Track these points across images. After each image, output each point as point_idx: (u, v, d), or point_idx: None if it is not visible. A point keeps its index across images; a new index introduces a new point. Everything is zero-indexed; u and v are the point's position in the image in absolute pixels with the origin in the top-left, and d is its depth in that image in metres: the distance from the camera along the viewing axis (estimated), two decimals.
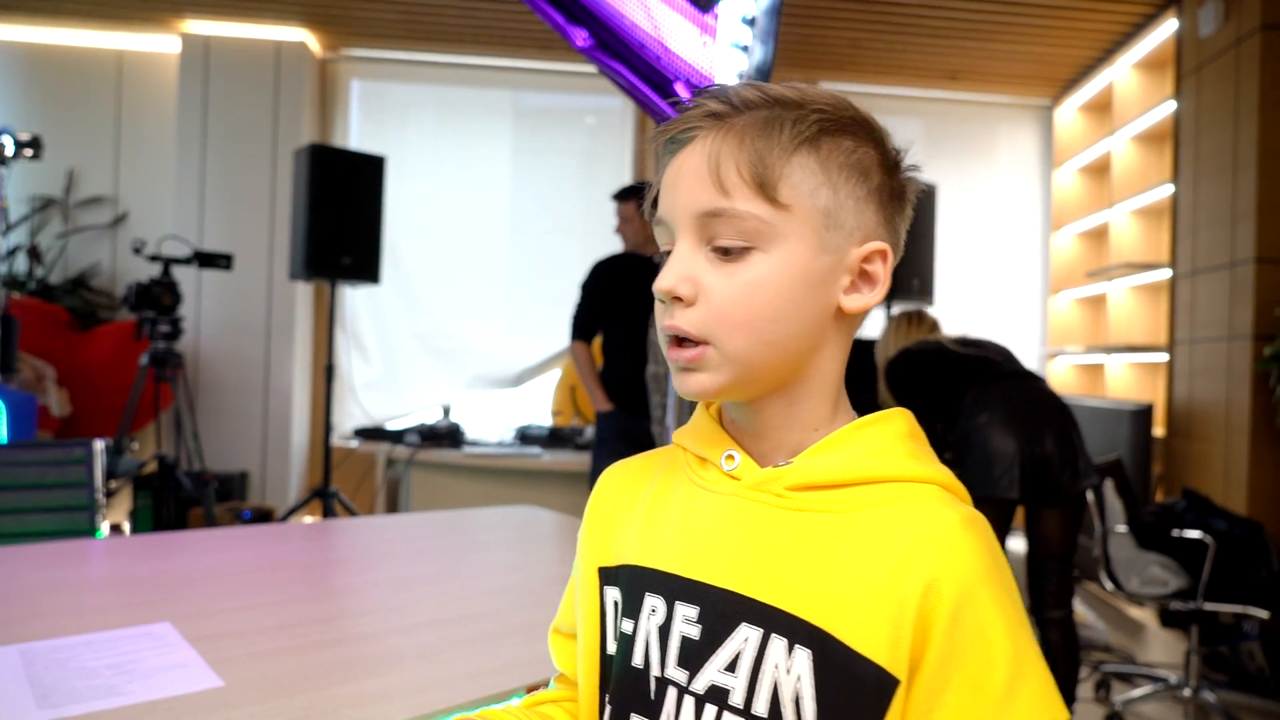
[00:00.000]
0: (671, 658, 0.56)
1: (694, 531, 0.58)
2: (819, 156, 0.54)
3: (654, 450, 0.69)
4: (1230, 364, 3.32)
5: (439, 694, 0.92)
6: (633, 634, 0.58)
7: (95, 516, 1.88)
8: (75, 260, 4.58)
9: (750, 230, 0.53)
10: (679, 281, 0.55)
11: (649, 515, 0.62)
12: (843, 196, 0.55)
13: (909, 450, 0.56)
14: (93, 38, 4.59)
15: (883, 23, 4.14)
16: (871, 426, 0.57)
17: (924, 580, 0.49)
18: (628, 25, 1.77)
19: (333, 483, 3.59)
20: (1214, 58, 3.50)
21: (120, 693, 0.88)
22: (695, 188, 0.55)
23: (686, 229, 0.56)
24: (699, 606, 0.55)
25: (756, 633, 0.52)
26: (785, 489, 0.55)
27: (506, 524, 1.94)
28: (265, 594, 1.28)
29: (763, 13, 1.65)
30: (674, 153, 0.57)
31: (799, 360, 0.56)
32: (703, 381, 0.55)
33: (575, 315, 3.12)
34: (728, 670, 0.53)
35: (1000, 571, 0.51)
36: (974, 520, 0.53)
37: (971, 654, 0.49)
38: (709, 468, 0.60)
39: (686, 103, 0.58)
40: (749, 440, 0.59)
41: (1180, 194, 3.77)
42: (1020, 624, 0.50)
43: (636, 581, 0.60)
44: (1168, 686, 2.69)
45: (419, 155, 4.72)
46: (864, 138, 0.56)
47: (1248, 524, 2.83)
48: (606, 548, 0.64)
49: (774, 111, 0.55)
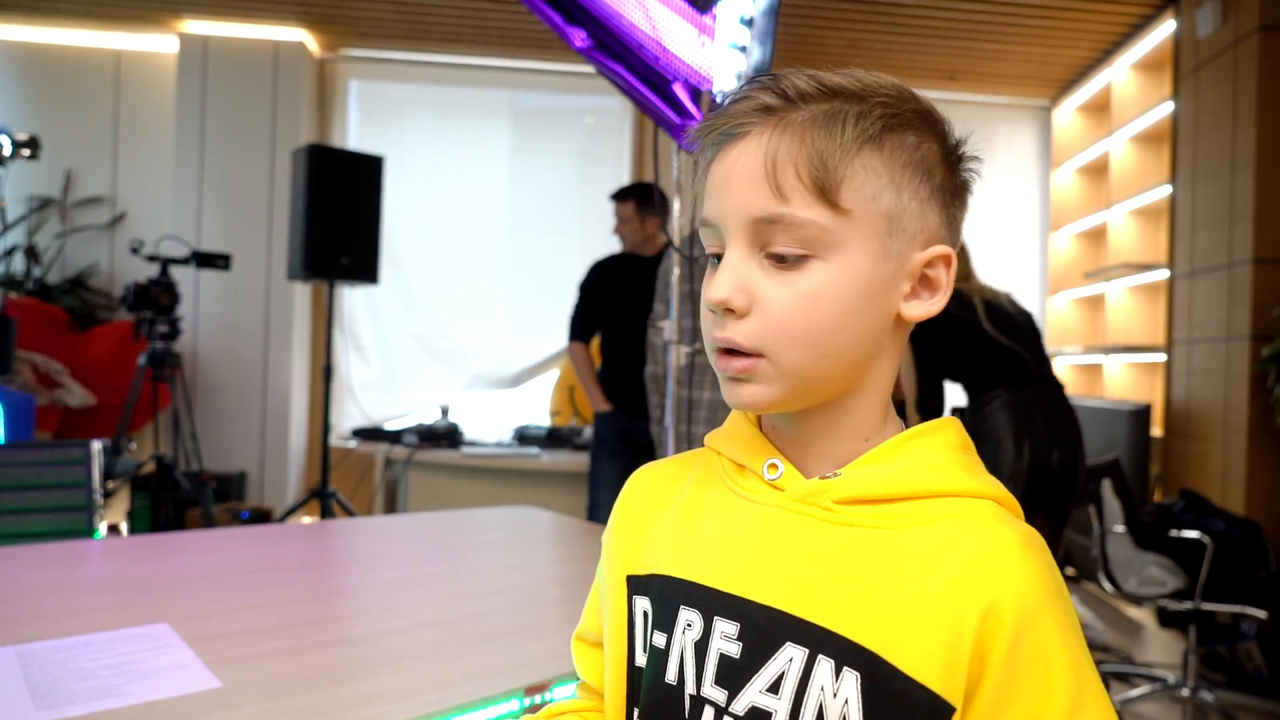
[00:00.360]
0: (709, 675, 0.53)
1: (733, 543, 0.55)
2: (883, 156, 0.51)
3: (686, 453, 0.66)
4: (1228, 364, 3.32)
5: (437, 695, 0.91)
6: (665, 648, 0.56)
7: (93, 517, 1.87)
8: (73, 260, 4.58)
9: (809, 238, 0.50)
10: (734, 292, 0.51)
11: (682, 523, 0.59)
12: (906, 198, 0.51)
13: (961, 463, 0.53)
14: (91, 37, 4.59)
15: (881, 23, 4.14)
16: (922, 438, 0.54)
17: (983, 602, 0.47)
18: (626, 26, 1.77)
19: (331, 483, 3.59)
20: (1212, 59, 3.51)
21: (118, 694, 0.87)
22: (749, 191, 0.51)
23: (738, 234, 0.52)
24: (739, 623, 0.53)
25: (802, 653, 0.50)
26: (834, 502, 0.52)
27: (505, 525, 1.94)
28: (263, 594, 1.28)
29: (761, 13, 1.66)
30: (722, 148, 0.53)
31: (855, 371, 0.53)
32: (755, 394, 0.52)
33: (573, 316, 3.11)
34: (770, 691, 0.50)
35: (1060, 594, 0.49)
36: (1033, 539, 0.50)
37: (1032, 682, 0.46)
38: (749, 476, 0.57)
39: (735, 93, 0.54)
40: (792, 448, 0.56)
41: (1178, 195, 3.77)
42: (1081, 649, 0.48)
43: (669, 593, 0.57)
44: (1166, 686, 2.69)
45: (417, 155, 4.72)
46: (927, 132, 0.53)
47: (1245, 524, 2.84)
48: (635, 555, 0.61)
49: (834, 105, 0.51)
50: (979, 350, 2.37)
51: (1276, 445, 3.15)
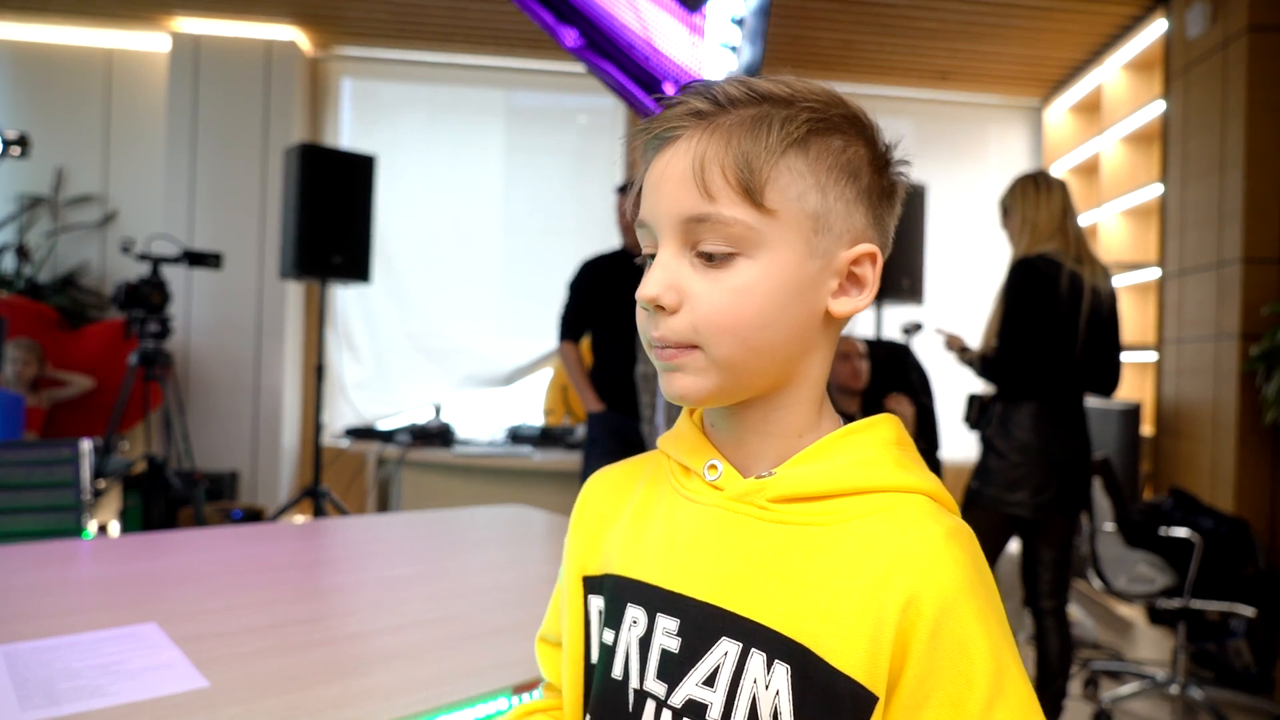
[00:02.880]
0: (651, 670, 0.55)
1: (676, 542, 0.57)
2: (808, 159, 0.52)
3: (640, 456, 0.67)
4: (1217, 363, 3.34)
5: (424, 694, 0.91)
6: (614, 645, 0.58)
7: (82, 517, 1.87)
8: (64, 259, 4.56)
9: (736, 236, 0.52)
10: (664, 290, 0.53)
11: (633, 524, 0.61)
12: (831, 199, 0.53)
13: (896, 459, 0.55)
14: (82, 35, 4.57)
15: (874, 23, 4.15)
16: (857, 434, 0.56)
17: (904, 595, 0.48)
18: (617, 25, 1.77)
19: (323, 482, 3.58)
20: (1202, 59, 3.52)
21: (104, 694, 0.87)
22: (679, 191, 0.53)
23: (670, 234, 0.54)
24: (679, 619, 0.54)
25: (736, 647, 0.52)
26: (768, 501, 0.54)
27: (497, 524, 1.94)
28: (253, 594, 1.28)
29: (751, 13, 1.66)
30: (657, 151, 0.55)
31: (786, 366, 0.55)
32: (688, 385, 0.54)
33: (563, 315, 3.10)
34: (706, 684, 0.52)
35: (984, 585, 0.50)
36: (958, 532, 0.51)
37: (951, 671, 0.48)
38: (692, 477, 0.59)
39: (670, 100, 0.55)
40: (730, 448, 0.58)
41: (1168, 194, 3.79)
42: (1003, 639, 0.49)
43: (619, 592, 0.59)
44: (1155, 684, 2.71)
45: (410, 154, 4.72)
46: (854, 135, 0.54)
47: (1234, 522, 2.85)
48: (591, 556, 0.63)
49: (762, 110, 0.53)
50: (1058, 344, 2.28)
51: (1265, 444, 3.17)
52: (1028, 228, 2.34)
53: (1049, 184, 2.34)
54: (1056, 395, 2.30)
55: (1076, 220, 2.35)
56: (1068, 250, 2.29)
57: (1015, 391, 2.32)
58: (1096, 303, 2.29)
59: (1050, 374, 2.29)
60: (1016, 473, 2.28)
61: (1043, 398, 2.29)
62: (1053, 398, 2.30)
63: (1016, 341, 2.27)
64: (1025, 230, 2.34)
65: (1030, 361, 2.28)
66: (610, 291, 3.03)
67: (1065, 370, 2.29)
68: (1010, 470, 2.29)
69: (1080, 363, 2.29)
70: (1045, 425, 2.28)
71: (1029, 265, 2.28)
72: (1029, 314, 2.26)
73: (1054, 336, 2.27)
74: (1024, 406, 2.30)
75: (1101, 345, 2.31)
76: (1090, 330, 2.28)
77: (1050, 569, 2.35)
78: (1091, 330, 2.29)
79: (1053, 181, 2.35)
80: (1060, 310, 2.26)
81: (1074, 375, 2.30)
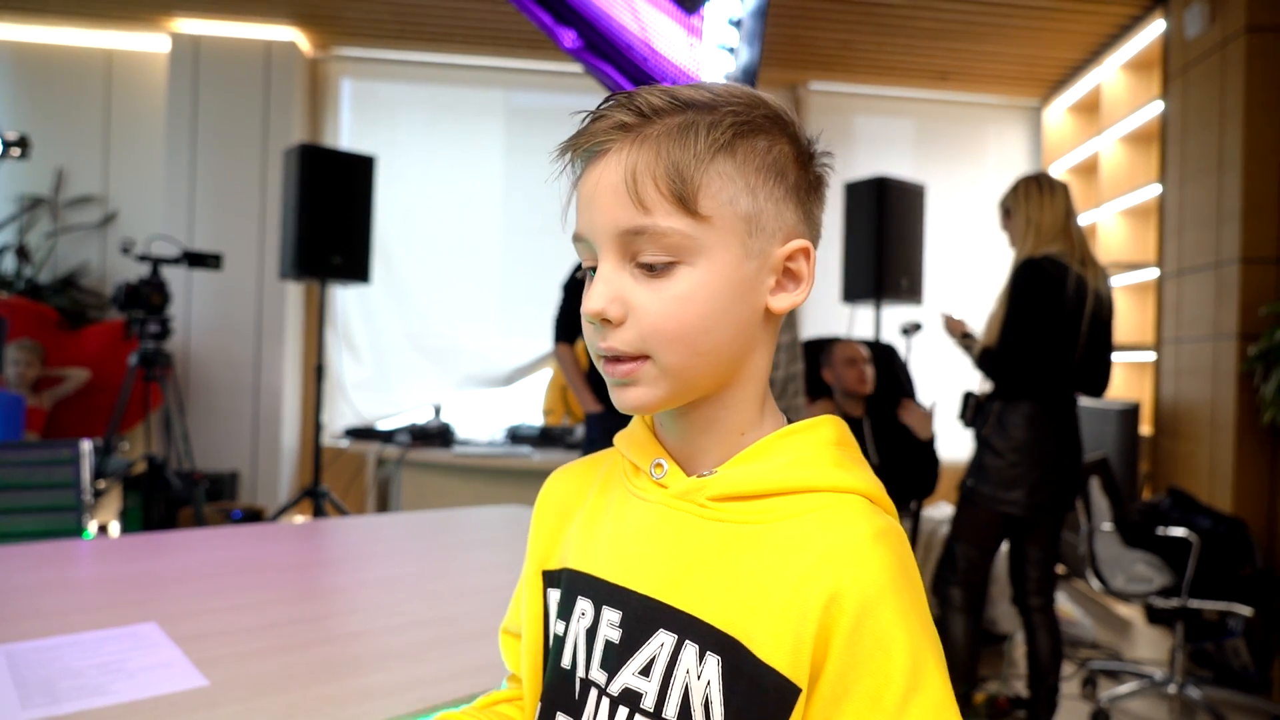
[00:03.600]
0: (595, 660, 0.57)
1: (624, 538, 0.59)
2: (735, 162, 0.53)
3: (598, 454, 0.69)
4: (1216, 363, 3.34)
5: (422, 693, 0.92)
6: (564, 635, 0.60)
7: (82, 517, 1.87)
8: (64, 260, 4.56)
9: (673, 245, 0.53)
10: (608, 303, 0.54)
11: (588, 520, 0.63)
12: (762, 199, 0.54)
13: (834, 459, 0.56)
14: (82, 36, 4.57)
15: (873, 23, 4.16)
16: (798, 434, 0.57)
17: (827, 592, 0.50)
18: (615, 27, 1.78)
19: (323, 482, 3.59)
20: (1200, 59, 3.53)
21: (104, 692, 0.88)
22: (613, 205, 0.54)
23: (608, 247, 0.55)
24: (622, 611, 0.56)
25: (671, 638, 0.53)
26: (708, 499, 0.56)
27: (495, 524, 1.95)
28: (252, 594, 1.28)
29: (749, 14, 1.66)
30: (586, 165, 0.56)
31: (731, 365, 0.56)
32: (641, 396, 0.55)
33: (557, 316, 3.07)
34: (642, 674, 0.54)
35: (909, 583, 0.51)
36: (888, 532, 0.52)
37: (870, 666, 0.49)
38: (641, 475, 0.61)
39: (593, 113, 0.56)
40: (677, 446, 0.60)
41: (1167, 194, 3.79)
42: (924, 637, 0.50)
43: (572, 585, 0.61)
44: (1153, 683, 2.71)
45: (410, 155, 4.72)
46: (778, 134, 0.56)
47: (1232, 522, 2.86)
48: (551, 551, 0.66)
49: (687, 117, 0.53)
50: (1059, 346, 2.28)
51: (1263, 444, 3.18)
52: (1032, 229, 2.34)
53: (1052, 186, 2.35)
54: (1053, 396, 2.31)
55: (1078, 223, 2.35)
56: (1072, 253, 2.29)
57: (1013, 390, 2.33)
58: (1098, 306, 2.29)
59: (1049, 375, 2.29)
60: (1013, 472, 2.29)
61: (1040, 398, 2.30)
62: (1049, 398, 2.31)
63: (1019, 341, 2.28)
64: (1030, 231, 2.34)
65: (1031, 361, 2.29)
66: None
67: (1064, 371, 2.29)
68: (1006, 469, 2.29)
69: (1078, 365, 2.30)
70: (1041, 425, 2.29)
71: (1035, 266, 2.28)
72: (1034, 314, 2.26)
73: (1056, 338, 2.27)
74: (1021, 406, 2.31)
75: (1098, 347, 2.32)
76: (1091, 332, 2.29)
77: (1037, 567, 2.37)
78: (1092, 332, 2.29)
79: (1055, 184, 2.35)
80: (1064, 312, 2.26)
81: (1070, 376, 2.31)
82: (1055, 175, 2.41)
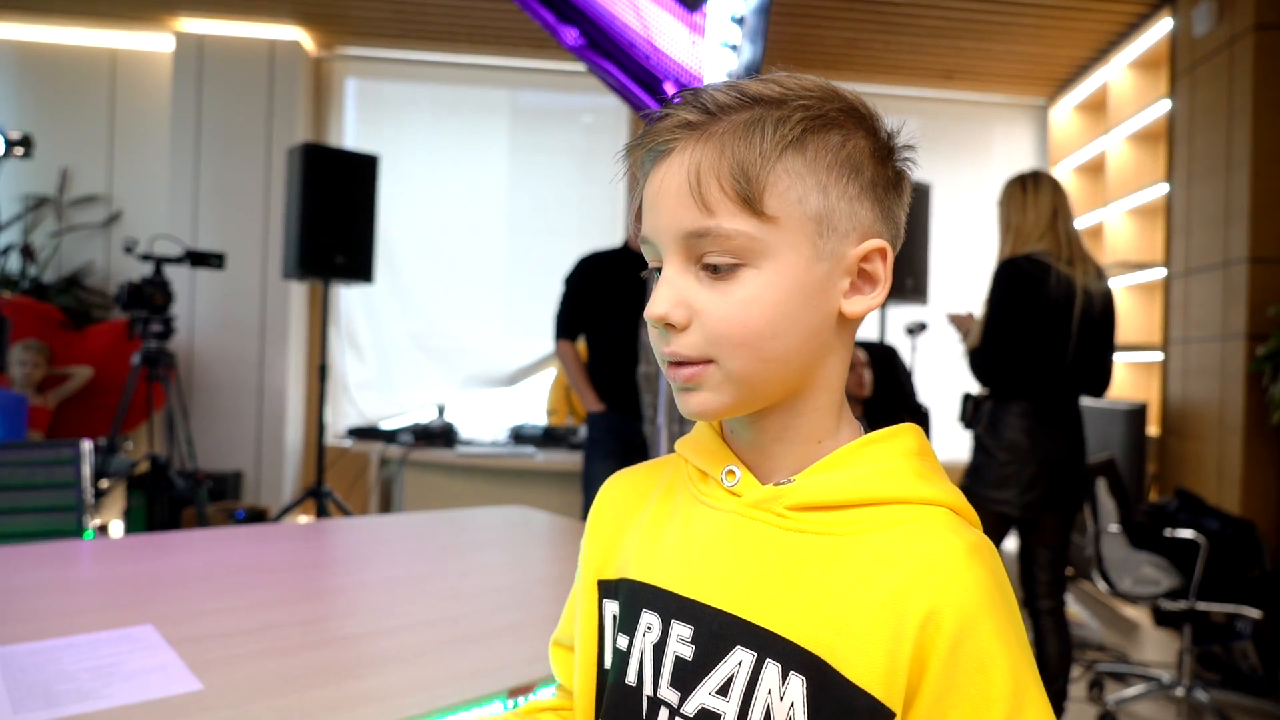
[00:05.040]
0: (665, 678, 0.54)
1: (693, 548, 0.56)
2: (805, 159, 0.51)
3: (657, 459, 0.67)
4: (1224, 363, 3.32)
5: (418, 697, 0.91)
6: (628, 651, 0.57)
7: (83, 517, 1.87)
8: (68, 259, 4.57)
9: (738, 248, 0.51)
10: (672, 307, 0.52)
11: (650, 528, 0.60)
12: (834, 198, 0.52)
13: (917, 470, 0.53)
14: (86, 36, 4.58)
15: (878, 21, 4.14)
16: (878, 444, 0.55)
17: (924, 610, 0.47)
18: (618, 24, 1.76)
19: (326, 482, 3.58)
20: (1208, 57, 3.50)
21: (97, 696, 0.87)
22: (677, 207, 0.52)
23: (672, 249, 0.53)
24: (694, 626, 0.54)
25: (751, 656, 0.51)
26: (786, 509, 0.53)
27: (498, 525, 1.94)
28: (251, 595, 1.27)
29: (752, 12, 1.65)
30: (653, 165, 0.54)
31: (802, 373, 0.54)
32: (705, 402, 0.53)
33: (559, 313, 3.01)
34: (720, 694, 0.51)
35: (1005, 602, 0.49)
36: (980, 547, 0.50)
37: (970, 689, 0.46)
38: (710, 482, 0.58)
39: (660, 112, 0.54)
40: (749, 454, 0.57)
41: (1174, 193, 3.77)
42: (1023, 657, 0.48)
43: (634, 597, 0.58)
44: (1161, 686, 2.69)
45: (414, 154, 4.72)
46: (853, 128, 0.53)
47: (1240, 524, 2.83)
48: (607, 560, 0.63)
49: (754, 113, 0.51)
50: (1046, 345, 2.26)
51: (1272, 445, 3.15)
52: (1010, 232, 2.35)
53: (1037, 185, 2.33)
54: (1047, 395, 2.30)
55: (1070, 220, 2.33)
56: (1058, 251, 2.28)
57: (1003, 391, 2.33)
58: (1088, 304, 2.28)
59: (1039, 374, 2.28)
60: (1004, 471, 2.27)
61: (1032, 397, 2.29)
62: (1043, 398, 2.29)
63: (999, 341, 2.28)
64: (1009, 234, 2.35)
65: (1014, 361, 2.28)
66: (608, 288, 2.97)
67: (1056, 371, 2.28)
68: (998, 469, 2.28)
69: (1072, 364, 2.29)
70: (1034, 425, 2.28)
71: (1013, 266, 2.28)
72: (1012, 314, 2.26)
73: (1041, 337, 2.26)
74: (1013, 406, 2.30)
75: (1093, 346, 2.31)
76: (1082, 331, 2.28)
77: (1046, 569, 2.35)
78: (1083, 331, 2.28)
79: (1042, 182, 2.33)
80: (1047, 311, 2.25)
81: (1066, 376, 2.30)
82: (1061, 174, 2.40)
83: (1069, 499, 2.34)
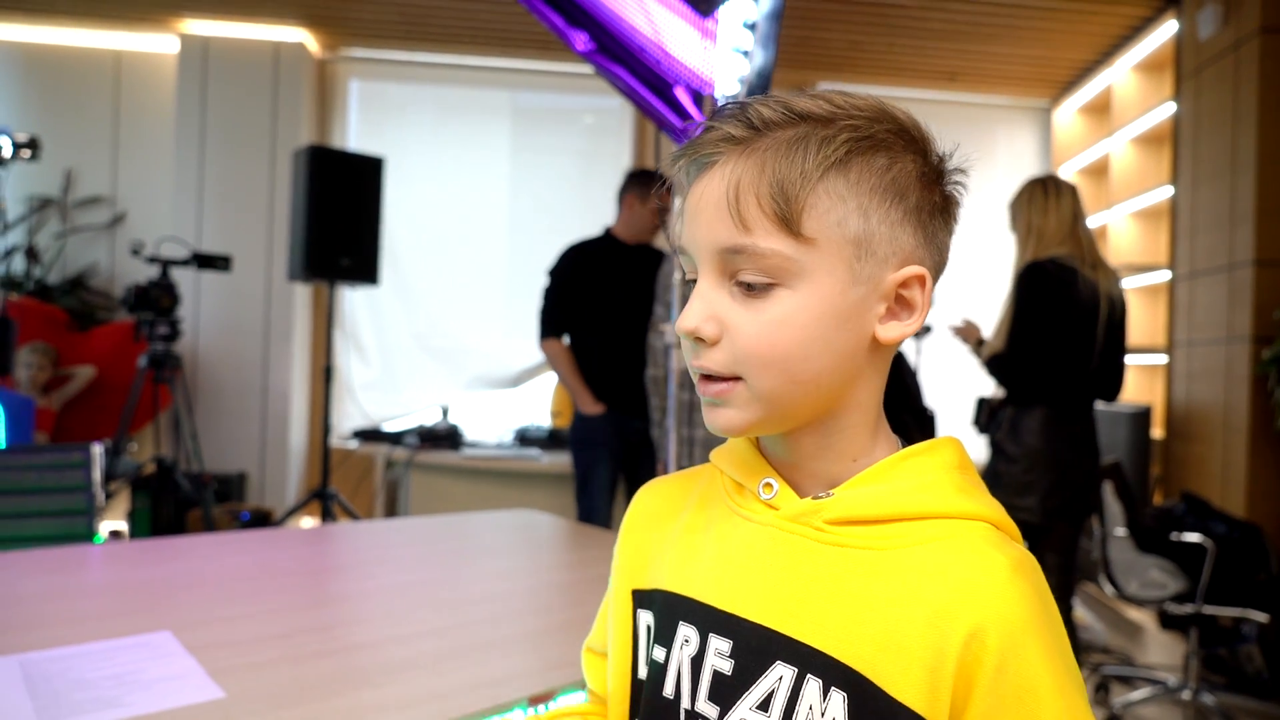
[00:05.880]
0: (703, 692, 0.54)
1: (730, 561, 0.56)
2: (848, 181, 0.50)
3: (692, 469, 0.67)
4: (1229, 366, 3.32)
5: (437, 706, 0.91)
6: (664, 663, 0.57)
7: (94, 521, 1.87)
8: (73, 261, 4.57)
9: (773, 267, 0.50)
10: (703, 321, 0.52)
11: (685, 539, 0.60)
12: (875, 222, 0.51)
13: (957, 484, 0.53)
14: (91, 37, 4.58)
15: (882, 24, 4.14)
16: (918, 457, 0.54)
17: (968, 627, 0.46)
18: (628, 29, 1.77)
19: (331, 484, 3.58)
20: (1213, 60, 3.50)
21: (120, 704, 0.87)
22: (714, 221, 0.51)
23: (708, 263, 0.53)
24: (732, 640, 0.53)
25: (791, 672, 0.50)
26: (825, 522, 0.52)
27: (505, 529, 1.94)
28: (264, 601, 1.28)
29: (764, 17, 1.65)
30: (696, 175, 0.54)
31: (833, 396, 0.53)
32: (731, 418, 0.53)
33: (545, 309, 2.85)
34: (760, 709, 0.51)
35: (1050, 620, 0.48)
36: (1024, 563, 0.49)
37: (1019, 711, 0.46)
38: (747, 495, 0.57)
39: (705, 123, 0.54)
40: (785, 467, 0.57)
41: (1179, 196, 3.77)
42: (1070, 677, 0.47)
43: (670, 609, 0.58)
44: (1167, 689, 2.69)
45: (418, 156, 4.72)
46: (900, 151, 0.52)
47: (1246, 527, 2.83)
48: (641, 569, 0.62)
49: (799, 131, 0.50)
50: (1072, 350, 2.25)
51: (1276, 448, 3.15)
52: (1034, 235, 2.32)
53: (1058, 189, 2.32)
54: (1067, 401, 2.29)
55: (1087, 225, 2.33)
56: (1081, 256, 2.27)
57: (1025, 396, 2.31)
58: (1111, 309, 2.27)
59: (1062, 379, 2.28)
60: (1026, 478, 2.27)
61: (1053, 403, 2.28)
62: (1063, 403, 2.29)
63: (1026, 345, 2.26)
64: (1031, 237, 2.33)
65: (1041, 366, 2.27)
66: (598, 279, 2.84)
67: (1078, 376, 2.28)
68: (1020, 476, 2.28)
69: (1094, 369, 2.28)
70: (1055, 431, 2.27)
71: (1040, 269, 2.26)
72: (1040, 318, 2.24)
73: (1068, 342, 2.25)
74: (1034, 412, 2.29)
75: (1111, 351, 2.31)
76: (1105, 336, 2.27)
77: (1055, 575, 2.35)
78: (1106, 336, 2.28)
79: (1062, 186, 2.33)
80: (1076, 315, 2.24)
81: (1085, 381, 2.29)
82: (1065, 176, 2.40)
83: (1084, 505, 2.34)
